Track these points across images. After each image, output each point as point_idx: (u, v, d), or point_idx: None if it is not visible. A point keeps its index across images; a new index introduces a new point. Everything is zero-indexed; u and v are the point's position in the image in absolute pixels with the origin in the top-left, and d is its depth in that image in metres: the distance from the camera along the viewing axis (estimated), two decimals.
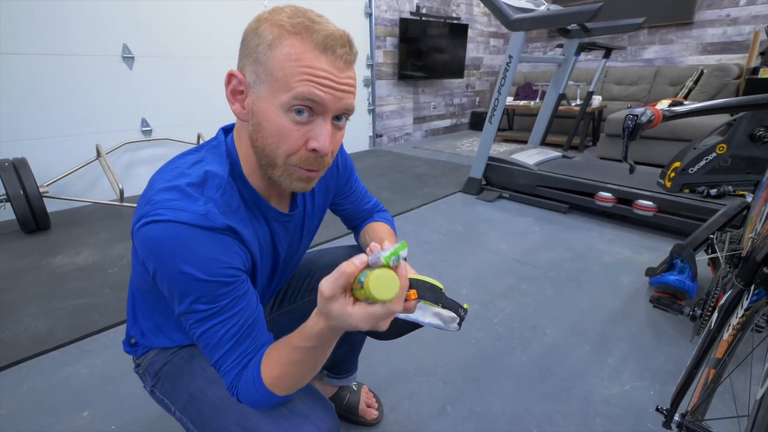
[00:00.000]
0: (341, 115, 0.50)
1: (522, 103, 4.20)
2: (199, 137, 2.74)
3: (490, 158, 2.58)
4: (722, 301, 0.64)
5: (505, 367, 1.12)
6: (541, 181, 2.37)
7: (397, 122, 4.41)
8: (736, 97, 2.47)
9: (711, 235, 1.33)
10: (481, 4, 4.93)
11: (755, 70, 2.95)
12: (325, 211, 0.74)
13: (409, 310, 0.57)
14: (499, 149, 3.58)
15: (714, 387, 0.63)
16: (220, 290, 0.47)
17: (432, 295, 0.58)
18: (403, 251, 0.41)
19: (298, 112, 0.46)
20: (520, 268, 1.67)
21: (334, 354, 0.88)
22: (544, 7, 2.43)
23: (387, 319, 0.43)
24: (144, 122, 2.57)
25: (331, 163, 0.63)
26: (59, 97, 2.22)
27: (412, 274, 0.59)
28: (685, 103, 0.93)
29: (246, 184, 0.54)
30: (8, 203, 1.88)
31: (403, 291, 0.41)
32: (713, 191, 1.84)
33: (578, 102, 3.83)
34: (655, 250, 1.82)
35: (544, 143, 3.11)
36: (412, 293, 0.57)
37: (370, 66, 3.88)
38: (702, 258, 1.31)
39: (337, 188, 0.74)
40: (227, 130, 0.57)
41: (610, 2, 3.65)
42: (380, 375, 1.09)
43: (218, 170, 0.51)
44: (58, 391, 1.03)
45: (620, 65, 4.24)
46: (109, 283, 1.52)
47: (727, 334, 0.64)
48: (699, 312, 1.08)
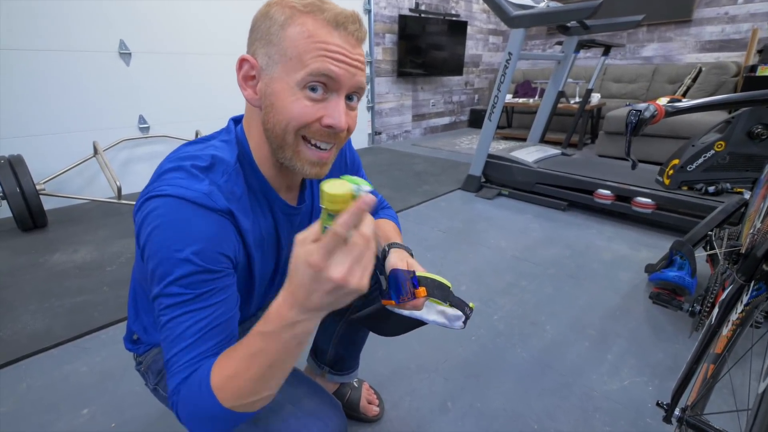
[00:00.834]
0: (353, 95, 0.50)
1: (521, 100, 4.20)
2: (197, 134, 2.73)
3: (490, 156, 2.58)
4: (723, 297, 0.65)
5: (506, 363, 1.13)
6: (540, 179, 2.37)
7: (396, 120, 4.40)
8: (733, 94, 2.48)
9: (709, 232, 1.33)
10: (481, 1, 4.92)
11: (753, 68, 2.96)
12: None
13: (417, 307, 0.58)
14: (499, 147, 3.58)
15: (714, 382, 0.63)
16: (203, 276, 0.43)
17: (440, 293, 0.59)
18: (366, 186, 0.36)
19: (313, 89, 0.46)
20: (520, 265, 1.67)
21: (336, 350, 0.88)
22: (543, 4, 2.42)
23: (355, 255, 0.36)
24: (141, 119, 2.55)
25: (342, 148, 0.65)
26: (56, 93, 2.20)
27: (421, 272, 0.60)
28: (684, 100, 0.93)
29: (256, 172, 0.53)
30: (4, 201, 1.87)
31: (358, 207, 0.34)
32: (711, 188, 1.85)
33: (577, 99, 3.83)
34: (654, 246, 1.83)
35: (543, 141, 3.11)
36: (422, 290, 0.58)
37: (369, 63, 3.86)
38: (700, 254, 1.32)
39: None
40: (237, 120, 0.56)
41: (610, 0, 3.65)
42: (381, 372, 1.09)
43: (226, 156, 0.50)
44: (57, 389, 1.02)
45: (619, 63, 4.24)
46: (107, 281, 1.52)
47: (726, 330, 0.64)
48: (698, 308, 1.09)
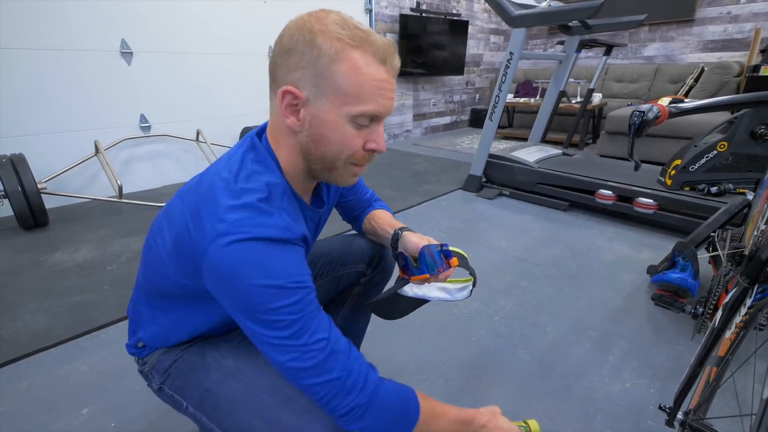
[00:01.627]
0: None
1: (522, 100, 4.19)
2: (198, 133, 2.73)
3: (491, 155, 2.58)
4: (726, 299, 0.64)
5: (506, 364, 1.12)
6: (542, 179, 2.36)
7: (397, 119, 4.39)
8: (737, 94, 2.46)
9: (712, 233, 1.33)
10: (482, 1, 4.91)
11: (756, 68, 2.95)
12: (334, 205, 0.78)
13: (447, 277, 0.68)
14: (500, 146, 3.57)
15: (717, 385, 0.63)
16: (307, 297, 0.49)
17: (463, 263, 0.69)
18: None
19: (362, 122, 0.51)
20: (521, 266, 1.67)
21: None
22: (545, 4, 2.41)
23: None
24: (143, 118, 2.55)
25: None
26: (57, 92, 2.20)
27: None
28: (686, 100, 0.92)
29: (291, 188, 0.56)
30: (6, 200, 1.87)
31: None
32: (714, 189, 1.84)
33: (579, 99, 3.82)
34: (656, 247, 1.82)
35: (545, 140, 3.10)
36: (455, 260, 0.65)
37: None
38: (703, 256, 1.31)
39: None
40: (258, 135, 0.57)
41: None
42: (381, 372, 1.08)
43: (275, 178, 0.53)
44: (57, 388, 1.02)
45: (621, 62, 4.23)
46: (108, 280, 1.52)
47: (729, 333, 0.64)
48: (701, 310, 1.08)
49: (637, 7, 3.69)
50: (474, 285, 0.69)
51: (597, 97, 3.80)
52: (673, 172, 1.93)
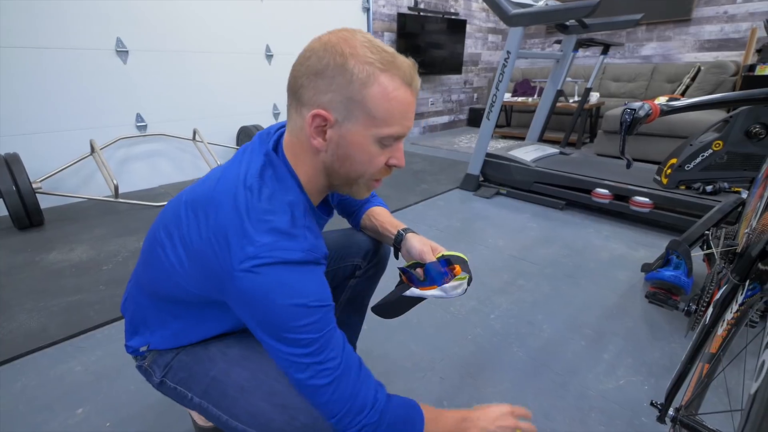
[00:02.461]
0: None
1: (520, 99, 4.19)
2: (194, 133, 2.72)
3: (488, 155, 2.58)
4: (717, 297, 0.65)
5: (502, 362, 1.13)
6: (539, 178, 2.37)
7: None
8: (728, 92, 2.46)
9: (706, 231, 1.33)
10: (480, 0, 4.91)
11: (752, 67, 2.96)
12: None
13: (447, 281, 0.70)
14: (497, 145, 3.57)
15: (708, 381, 0.63)
16: (328, 315, 0.51)
17: (465, 268, 0.71)
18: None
19: (388, 142, 0.53)
20: (517, 264, 1.67)
21: None
22: (542, 3, 2.42)
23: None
24: (139, 117, 2.54)
25: None
26: (52, 91, 2.19)
27: (441, 252, 0.74)
28: (682, 99, 0.92)
29: (310, 203, 0.58)
30: (0, 199, 1.86)
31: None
32: (709, 188, 1.85)
33: (576, 98, 3.83)
34: (651, 246, 1.83)
35: (542, 140, 3.11)
36: (458, 268, 0.69)
37: None
38: (697, 254, 1.32)
39: None
40: (275, 149, 0.57)
41: None
42: (377, 371, 1.08)
43: (295, 197, 0.54)
44: (52, 388, 1.02)
45: (618, 62, 4.24)
46: (103, 280, 1.51)
47: (721, 329, 0.64)
48: (694, 307, 1.09)
49: (634, 7, 3.69)
50: (469, 283, 0.70)
51: (594, 97, 3.81)
52: (669, 171, 1.94)
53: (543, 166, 2.38)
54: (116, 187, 2.03)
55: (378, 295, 0.87)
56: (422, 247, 0.73)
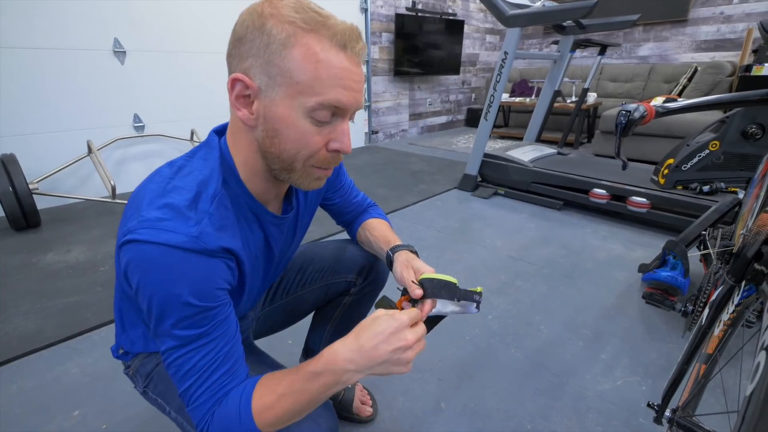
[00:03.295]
0: (353, 113, 0.49)
1: (518, 99, 4.20)
2: (192, 133, 2.71)
3: (486, 155, 2.58)
4: (713, 297, 0.65)
5: (499, 363, 1.13)
6: (536, 178, 2.37)
7: (393, 119, 4.39)
8: (723, 94, 2.49)
9: (703, 232, 1.34)
10: (478, 0, 4.92)
11: (748, 68, 2.97)
12: (317, 207, 0.74)
13: (425, 314, 0.58)
14: (495, 146, 3.58)
15: (705, 382, 0.63)
16: (202, 315, 0.45)
17: (447, 293, 0.60)
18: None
19: (320, 116, 0.45)
20: (515, 265, 1.67)
21: None
22: (539, 3, 2.42)
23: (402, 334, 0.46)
24: (136, 118, 2.53)
25: None
26: (49, 92, 2.18)
27: (427, 273, 0.61)
28: (679, 100, 0.93)
29: (243, 190, 0.51)
30: None
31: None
32: (706, 188, 1.85)
33: (573, 99, 3.84)
34: (648, 246, 1.83)
35: (540, 140, 3.12)
36: (428, 304, 0.58)
37: (366, 62, 3.86)
38: (694, 254, 1.32)
39: (328, 184, 0.74)
40: (219, 132, 0.53)
41: None
42: None
43: (212, 179, 0.48)
44: (48, 390, 1.01)
45: (615, 62, 4.25)
46: (100, 281, 1.51)
47: (717, 330, 0.64)
48: (690, 308, 1.09)
49: (630, 7, 3.71)
50: (478, 303, 0.61)
51: (592, 97, 3.82)
52: (666, 171, 1.95)
53: (541, 167, 2.39)
54: (113, 188, 2.02)
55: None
56: (402, 271, 0.63)
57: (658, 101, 2.81)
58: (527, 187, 2.42)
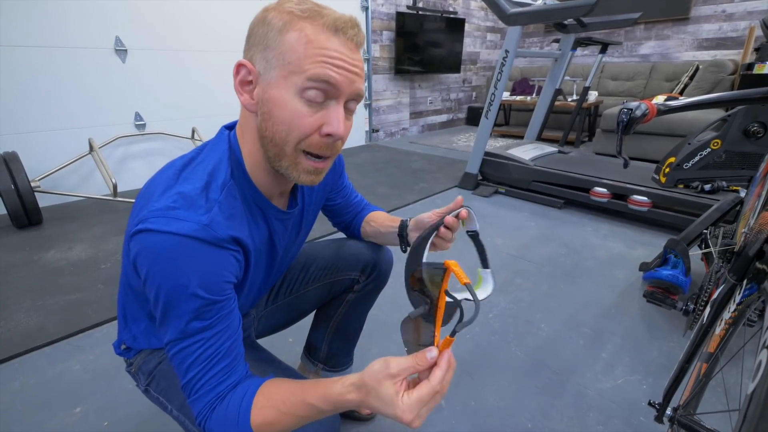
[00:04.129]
0: (351, 101, 0.49)
1: (518, 98, 4.19)
2: (193, 131, 2.71)
3: (486, 153, 2.58)
4: (714, 296, 0.65)
5: (500, 361, 1.13)
6: (537, 177, 2.37)
7: (394, 117, 4.39)
8: (725, 92, 2.47)
9: (704, 230, 1.33)
10: None
11: (750, 66, 2.96)
12: (321, 206, 0.74)
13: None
14: (496, 144, 3.58)
15: (706, 381, 0.63)
16: (209, 308, 0.45)
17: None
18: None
19: (311, 96, 0.45)
20: (516, 263, 1.67)
21: (329, 347, 0.88)
22: (540, 2, 2.41)
23: (431, 406, 0.41)
24: (137, 116, 2.53)
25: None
26: (51, 90, 2.18)
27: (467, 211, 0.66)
28: (680, 98, 0.93)
29: (249, 183, 0.52)
30: None
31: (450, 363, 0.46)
32: (707, 186, 1.85)
33: (574, 97, 3.83)
34: (649, 245, 1.83)
35: (541, 138, 3.11)
36: (446, 341, 0.52)
37: (367, 60, 3.85)
38: (695, 253, 1.32)
39: (333, 183, 0.75)
40: (230, 127, 0.55)
41: None
42: None
43: (221, 169, 0.49)
44: (50, 387, 1.02)
45: (616, 61, 4.24)
46: (102, 279, 1.51)
47: (719, 329, 0.64)
48: (692, 306, 1.09)
49: (632, 6, 3.69)
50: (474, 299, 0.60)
51: (593, 95, 3.81)
52: (668, 170, 1.94)
53: (541, 165, 2.39)
54: (115, 186, 2.02)
55: (384, 307, 0.87)
56: (431, 214, 0.69)
57: (659, 99, 2.80)
58: (528, 186, 2.42)
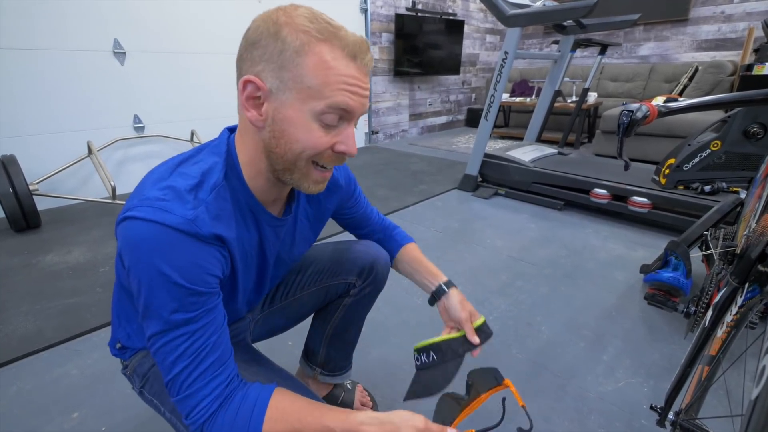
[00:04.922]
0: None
1: (518, 99, 4.19)
2: (192, 134, 2.71)
3: (486, 155, 2.58)
4: (717, 299, 0.64)
5: (500, 364, 1.11)
6: (537, 178, 2.37)
7: (393, 119, 4.39)
8: (726, 94, 2.48)
9: (705, 232, 1.33)
10: (478, 0, 4.91)
11: (749, 67, 2.96)
12: (322, 224, 0.74)
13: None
14: (495, 146, 3.57)
15: (708, 384, 0.62)
16: (192, 299, 0.45)
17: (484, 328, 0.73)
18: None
19: (329, 119, 0.48)
20: (516, 265, 1.67)
21: (327, 351, 0.88)
22: (539, 3, 2.42)
23: None
24: (136, 119, 2.53)
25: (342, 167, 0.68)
26: (49, 93, 2.18)
27: (479, 320, 0.73)
28: (680, 99, 0.92)
29: (244, 187, 0.53)
30: None
31: None
32: (707, 188, 1.85)
33: (574, 99, 3.83)
34: (650, 246, 1.83)
35: (540, 140, 3.11)
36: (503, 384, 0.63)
37: None
38: (696, 255, 1.32)
39: (341, 201, 0.75)
40: (232, 130, 0.55)
41: None
42: (375, 373, 1.08)
43: (215, 170, 0.50)
44: (47, 392, 1.01)
45: (616, 62, 4.24)
46: (100, 282, 1.50)
47: (721, 332, 0.64)
48: (693, 309, 1.08)
49: (631, 7, 3.70)
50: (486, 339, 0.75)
51: (592, 97, 3.81)
52: (667, 171, 1.94)
53: (541, 167, 2.38)
54: (114, 189, 2.02)
55: (383, 308, 0.86)
56: (462, 314, 0.72)
57: (658, 101, 2.80)
58: (528, 188, 2.42)
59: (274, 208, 0.59)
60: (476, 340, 0.70)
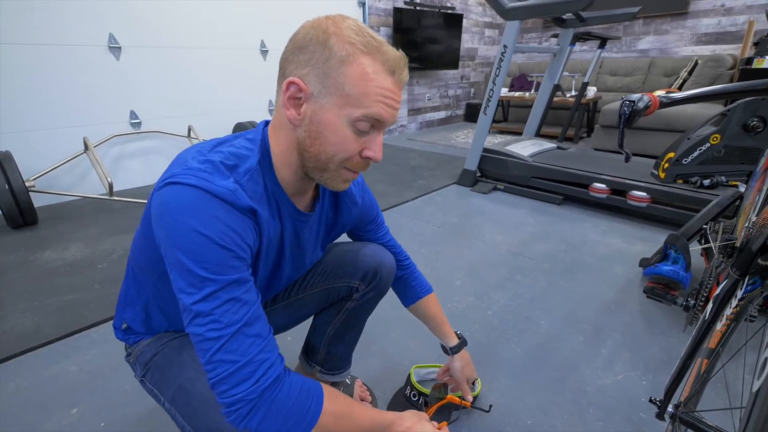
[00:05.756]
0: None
1: (517, 94, 4.17)
2: (189, 129, 2.69)
3: (485, 150, 2.57)
4: (717, 291, 0.64)
5: (500, 358, 1.12)
6: (536, 173, 2.36)
7: None
8: (728, 84, 2.46)
9: (704, 226, 1.33)
10: None
11: (749, 61, 2.95)
12: (333, 236, 0.76)
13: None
14: (494, 141, 3.56)
15: (707, 377, 0.62)
16: (232, 262, 0.47)
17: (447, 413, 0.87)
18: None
19: (362, 127, 0.51)
20: (515, 260, 1.67)
21: (328, 350, 0.88)
22: None
23: None
24: (133, 114, 2.51)
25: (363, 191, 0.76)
26: (44, 88, 2.16)
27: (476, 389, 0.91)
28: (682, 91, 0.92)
29: (272, 176, 0.56)
30: None
31: None
32: (706, 181, 1.84)
33: (573, 93, 3.82)
34: (649, 240, 1.83)
35: (539, 134, 3.10)
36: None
37: None
38: (695, 248, 1.32)
39: (360, 219, 0.77)
40: (268, 123, 0.58)
41: None
42: (374, 368, 1.08)
43: (250, 157, 0.53)
44: (46, 388, 1.01)
45: (615, 56, 4.23)
46: (98, 279, 1.50)
47: (720, 324, 0.63)
48: (692, 302, 1.08)
49: (630, 0, 3.67)
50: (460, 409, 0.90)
51: (591, 91, 3.80)
52: (667, 165, 1.94)
53: (540, 161, 2.38)
54: (111, 185, 2.00)
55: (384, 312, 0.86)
56: (460, 377, 0.86)
57: (658, 94, 2.79)
58: (527, 182, 2.41)
59: (300, 202, 0.62)
60: (469, 399, 0.86)
